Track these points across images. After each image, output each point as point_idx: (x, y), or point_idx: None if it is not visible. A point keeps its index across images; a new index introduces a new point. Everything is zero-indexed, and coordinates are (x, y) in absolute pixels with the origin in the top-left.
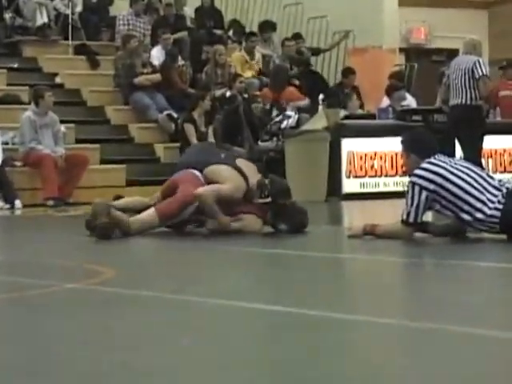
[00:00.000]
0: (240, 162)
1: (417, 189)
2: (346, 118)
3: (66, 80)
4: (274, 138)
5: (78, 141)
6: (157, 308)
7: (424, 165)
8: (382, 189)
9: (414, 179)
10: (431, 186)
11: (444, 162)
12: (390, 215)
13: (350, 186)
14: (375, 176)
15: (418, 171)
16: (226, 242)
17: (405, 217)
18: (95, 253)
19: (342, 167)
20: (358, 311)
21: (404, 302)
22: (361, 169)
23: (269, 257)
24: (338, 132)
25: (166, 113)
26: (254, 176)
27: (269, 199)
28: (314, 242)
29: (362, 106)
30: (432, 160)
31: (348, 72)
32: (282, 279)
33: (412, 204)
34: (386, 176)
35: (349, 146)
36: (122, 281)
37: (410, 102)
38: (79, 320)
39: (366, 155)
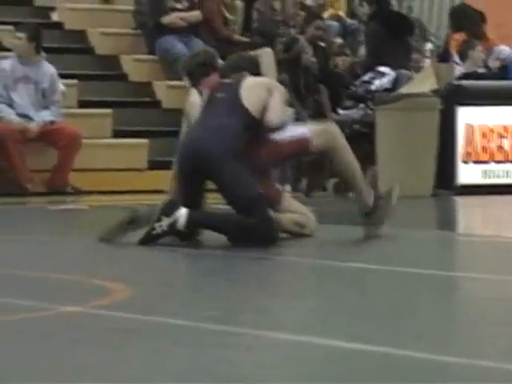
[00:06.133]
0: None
1: None
2: (465, 77)
3: (67, 17)
4: (361, 105)
5: (82, 104)
6: (192, 344)
7: None
8: None
9: None
10: None
11: None
12: None
13: (468, 174)
14: (505, 161)
15: None
16: (288, 250)
17: None
18: (106, 264)
19: (458, 148)
20: (478, 354)
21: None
22: (484, 151)
23: (349, 273)
24: (453, 97)
25: None
26: None
27: None
28: (415, 254)
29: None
30: None
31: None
32: (368, 307)
33: None
34: None
35: (468, 117)
36: (139, 303)
37: None
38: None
39: (492, 131)
